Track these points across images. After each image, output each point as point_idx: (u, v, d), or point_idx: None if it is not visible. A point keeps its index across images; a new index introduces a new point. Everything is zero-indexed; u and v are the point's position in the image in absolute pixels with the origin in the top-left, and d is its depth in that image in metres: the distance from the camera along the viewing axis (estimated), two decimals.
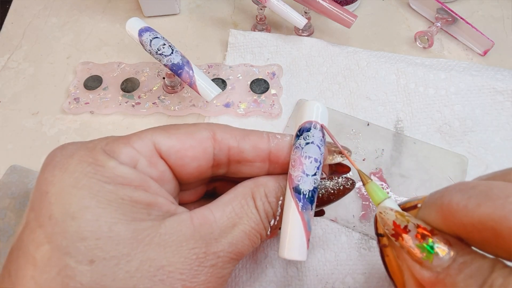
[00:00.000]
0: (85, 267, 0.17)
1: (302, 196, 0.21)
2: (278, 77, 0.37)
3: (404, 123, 0.34)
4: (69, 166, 0.19)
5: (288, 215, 0.21)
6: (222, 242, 0.20)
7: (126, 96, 0.36)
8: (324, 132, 0.22)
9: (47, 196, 0.18)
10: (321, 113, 0.22)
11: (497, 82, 0.35)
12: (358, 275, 0.28)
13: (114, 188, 0.19)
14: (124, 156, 0.20)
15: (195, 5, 0.44)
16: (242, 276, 0.28)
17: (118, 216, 0.18)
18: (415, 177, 0.31)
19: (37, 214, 0.18)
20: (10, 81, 0.39)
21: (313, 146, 0.21)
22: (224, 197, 0.22)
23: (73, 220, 0.18)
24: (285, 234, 0.21)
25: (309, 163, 0.21)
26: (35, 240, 0.17)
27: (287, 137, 0.23)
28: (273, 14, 0.42)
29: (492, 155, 0.32)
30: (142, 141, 0.21)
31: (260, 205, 0.21)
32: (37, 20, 0.43)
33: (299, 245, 0.20)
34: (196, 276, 0.19)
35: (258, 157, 0.22)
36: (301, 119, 0.22)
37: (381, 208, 0.19)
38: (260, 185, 0.22)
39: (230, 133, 0.22)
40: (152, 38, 0.32)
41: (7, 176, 0.32)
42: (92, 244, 0.17)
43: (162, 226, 0.19)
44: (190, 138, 0.22)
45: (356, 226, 0.29)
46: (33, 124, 0.36)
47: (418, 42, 0.40)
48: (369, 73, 0.36)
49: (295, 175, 0.21)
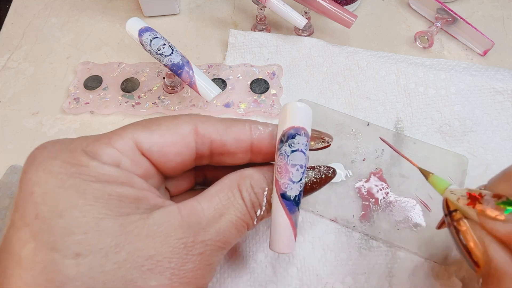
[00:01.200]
0: (71, 260, 0.17)
1: (290, 202, 0.22)
2: (278, 77, 0.37)
3: (404, 123, 0.34)
4: (52, 167, 0.19)
5: (277, 218, 0.22)
6: (210, 231, 0.20)
7: (126, 96, 0.36)
8: (309, 134, 0.22)
9: (33, 196, 0.18)
10: (305, 115, 0.22)
11: (497, 82, 0.35)
12: (358, 275, 0.28)
13: (101, 185, 0.19)
14: (106, 157, 0.20)
15: (195, 5, 0.44)
16: (242, 276, 0.28)
17: (106, 211, 0.18)
18: (415, 177, 0.31)
19: (22, 214, 0.18)
20: (10, 81, 0.39)
21: (298, 153, 0.22)
22: (211, 189, 0.22)
23: (60, 217, 0.18)
24: (275, 233, 0.22)
25: (295, 170, 0.22)
26: (20, 239, 0.18)
27: (269, 128, 0.23)
28: (273, 14, 0.42)
29: (492, 155, 0.32)
30: (123, 140, 0.21)
31: (246, 196, 0.22)
32: (37, 20, 0.43)
33: (288, 241, 0.22)
34: (185, 264, 0.19)
35: (240, 148, 0.23)
36: (284, 123, 0.22)
37: (450, 189, 0.21)
38: (246, 177, 0.22)
39: (212, 126, 0.22)
40: (152, 38, 0.32)
41: (7, 176, 0.32)
42: (80, 239, 0.17)
43: (150, 217, 0.19)
44: (172, 134, 0.22)
45: (356, 226, 0.29)
46: (33, 124, 0.36)
47: (418, 42, 0.40)
48: (369, 73, 0.36)
49: (282, 182, 0.22)
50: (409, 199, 0.30)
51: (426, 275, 0.28)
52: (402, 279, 0.28)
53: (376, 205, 0.30)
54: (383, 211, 0.30)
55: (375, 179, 0.31)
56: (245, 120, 0.23)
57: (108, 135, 0.21)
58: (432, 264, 0.28)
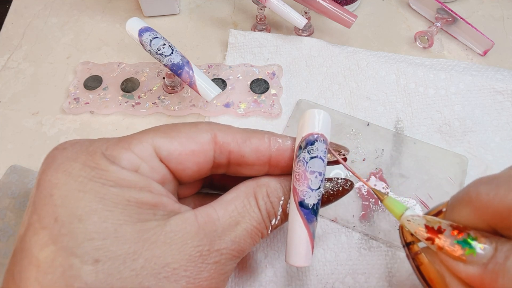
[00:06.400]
0: (90, 267, 0.17)
1: (308, 211, 0.21)
2: (278, 77, 0.37)
3: (404, 123, 0.34)
4: (72, 170, 0.19)
5: (295, 227, 0.21)
6: (225, 240, 0.20)
7: (126, 96, 0.36)
8: (327, 141, 0.22)
9: (52, 198, 0.18)
10: (324, 122, 0.22)
11: (497, 82, 0.35)
12: (358, 275, 0.28)
13: (120, 190, 0.19)
14: (125, 162, 0.20)
15: (195, 5, 0.44)
16: (242, 276, 0.28)
17: (124, 217, 0.18)
18: (415, 177, 0.31)
19: (40, 216, 0.18)
20: (10, 81, 0.39)
21: (317, 160, 0.21)
22: (227, 196, 0.22)
23: (80, 222, 0.18)
24: (291, 244, 0.21)
25: (314, 177, 0.21)
26: (39, 242, 0.17)
27: (289, 141, 0.23)
28: (273, 14, 0.42)
29: (492, 155, 0.32)
30: (143, 145, 0.21)
31: (262, 205, 0.22)
32: (37, 20, 0.43)
33: (305, 253, 0.21)
34: (200, 272, 0.19)
35: (258, 160, 0.23)
36: (304, 129, 0.22)
37: (406, 217, 0.19)
38: (262, 185, 0.22)
39: (231, 136, 0.22)
40: (152, 38, 0.32)
41: (7, 176, 0.32)
42: (99, 244, 0.17)
43: (167, 224, 0.19)
44: (191, 142, 0.21)
45: (356, 226, 0.29)
46: (33, 124, 0.36)
47: (418, 42, 0.40)
48: (369, 73, 0.36)
49: (300, 189, 0.21)
50: (409, 199, 0.30)
51: None
52: (402, 279, 0.28)
53: (376, 205, 0.30)
54: (383, 211, 0.30)
55: (375, 179, 0.31)
56: (265, 132, 0.23)
57: (128, 140, 0.21)
58: None
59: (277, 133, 0.24)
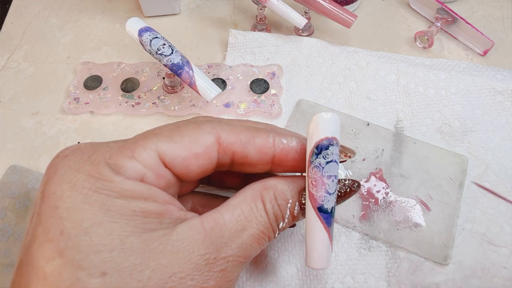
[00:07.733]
0: (98, 279, 0.17)
1: (327, 215, 0.21)
2: (278, 77, 0.37)
3: (404, 123, 0.34)
4: (77, 181, 0.19)
5: (316, 232, 0.21)
6: (232, 247, 0.20)
7: (126, 96, 0.36)
8: (339, 143, 0.22)
9: (57, 211, 0.18)
10: (335, 124, 0.22)
11: (497, 82, 0.35)
12: (358, 275, 0.28)
13: (125, 201, 0.19)
14: (130, 172, 0.20)
15: (195, 5, 0.44)
16: (242, 276, 0.28)
17: (130, 228, 0.18)
18: (415, 177, 0.31)
19: (46, 228, 0.18)
20: (10, 81, 0.39)
21: (333, 164, 0.21)
22: (234, 199, 0.22)
23: (86, 234, 0.18)
24: (313, 248, 0.22)
25: (331, 181, 0.21)
26: (45, 255, 0.17)
27: (293, 142, 0.23)
28: (273, 14, 0.42)
29: (492, 155, 0.32)
30: (147, 153, 0.20)
31: (269, 208, 0.21)
32: (37, 20, 0.43)
33: (327, 256, 0.22)
34: (207, 281, 0.19)
35: (261, 160, 0.23)
36: (317, 134, 0.21)
37: None
38: (270, 187, 0.22)
39: (235, 136, 0.22)
40: (152, 38, 0.32)
41: (7, 176, 0.33)
42: (106, 257, 0.17)
43: (173, 233, 0.19)
44: (195, 145, 0.21)
45: (356, 226, 0.29)
46: (33, 124, 0.36)
47: (418, 42, 0.40)
48: (369, 73, 0.36)
49: (318, 195, 0.21)
50: (409, 199, 0.30)
51: (426, 275, 0.28)
52: (402, 279, 0.28)
53: (376, 205, 0.30)
54: (383, 211, 0.30)
55: (375, 179, 0.31)
56: (269, 131, 0.23)
57: (131, 146, 0.20)
58: (432, 264, 0.28)
59: (281, 128, 0.24)
